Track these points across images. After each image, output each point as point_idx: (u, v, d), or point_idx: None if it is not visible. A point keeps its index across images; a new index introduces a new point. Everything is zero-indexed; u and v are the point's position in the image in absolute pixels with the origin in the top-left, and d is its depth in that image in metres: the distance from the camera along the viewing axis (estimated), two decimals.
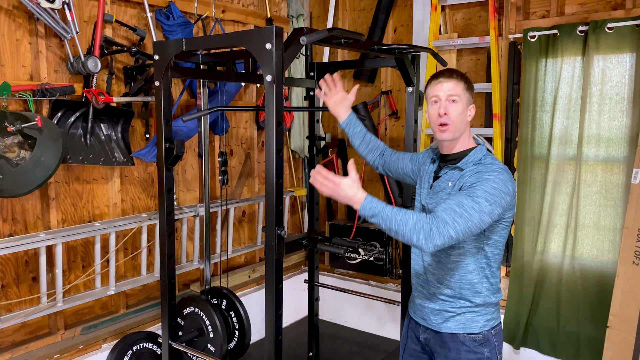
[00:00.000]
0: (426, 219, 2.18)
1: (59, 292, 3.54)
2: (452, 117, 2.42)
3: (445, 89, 2.44)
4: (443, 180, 2.51)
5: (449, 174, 2.49)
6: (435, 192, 2.53)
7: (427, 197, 2.58)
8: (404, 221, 2.18)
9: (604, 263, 4.09)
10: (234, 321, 4.06)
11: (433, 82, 2.50)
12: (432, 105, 2.49)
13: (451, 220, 2.18)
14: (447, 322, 2.53)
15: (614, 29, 3.89)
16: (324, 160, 5.81)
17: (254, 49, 2.48)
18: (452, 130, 2.44)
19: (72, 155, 3.56)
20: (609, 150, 4.02)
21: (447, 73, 2.47)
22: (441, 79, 2.46)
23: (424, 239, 2.16)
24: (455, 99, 2.43)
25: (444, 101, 2.44)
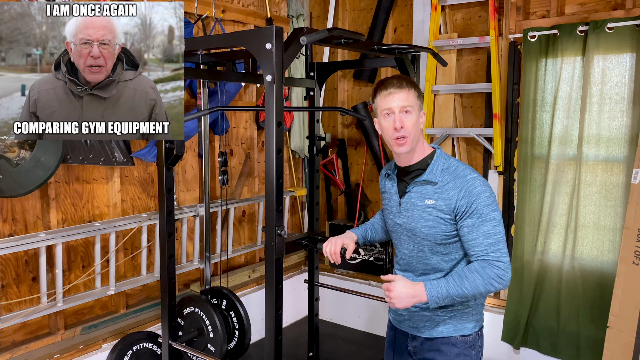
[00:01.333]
0: (485, 269, 2.25)
1: (59, 292, 3.54)
2: (409, 129, 2.37)
3: (397, 100, 2.36)
4: (414, 196, 2.44)
5: (419, 189, 2.43)
6: (408, 209, 2.47)
7: (400, 216, 2.50)
8: (473, 286, 2.25)
9: (604, 263, 4.09)
10: (234, 321, 4.06)
11: (383, 92, 2.40)
12: (384, 117, 2.41)
13: (498, 252, 2.28)
14: (439, 327, 2.48)
15: (614, 29, 3.88)
16: (324, 161, 5.81)
17: (254, 49, 2.47)
18: (409, 143, 2.38)
19: (72, 155, 3.55)
20: (609, 150, 4.01)
21: (397, 83, 2.39)
22: (392, 90, 2.38)
23: (498, 285, 2.26)
24: (409, 110, 2.37)
25: (398, 114, 2.36)
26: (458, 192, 2.33)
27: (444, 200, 2.35)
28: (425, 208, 2.40)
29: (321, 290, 4.78)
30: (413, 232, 2.45)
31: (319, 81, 4.04)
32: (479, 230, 2.30)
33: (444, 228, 2.37)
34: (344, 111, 3.99)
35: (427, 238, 2.40)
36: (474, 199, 2.30)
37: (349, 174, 5.82)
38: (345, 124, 5.85)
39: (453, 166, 2.42)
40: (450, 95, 4.81)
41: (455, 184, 2.36)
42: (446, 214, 2.35)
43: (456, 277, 2.26)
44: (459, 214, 2.33)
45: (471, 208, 2.30)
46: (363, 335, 5.38)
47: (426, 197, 2.40)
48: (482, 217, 2.30)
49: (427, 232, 2.40)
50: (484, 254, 2.28)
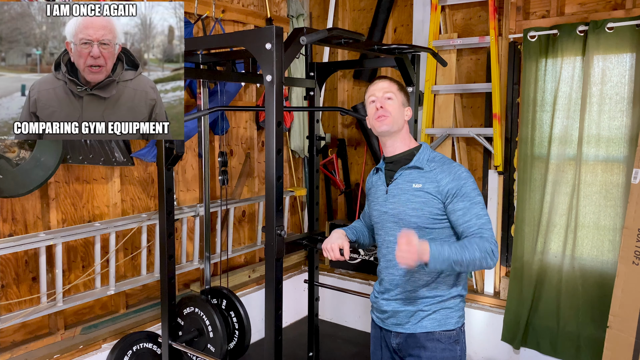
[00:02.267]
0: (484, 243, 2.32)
1: (59, 292, 3.54)
2: (389, 110, 2.52)
3: (380, 87, 2.57)
4: (401, 182, 2.54)
5: (406, 174, 2.54)
6: (394, 194, 2.55)
7: (386, 204, 2.57)
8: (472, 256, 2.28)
9: (604, 263, 4.09)
10: (234, 321, 4.06)
11: (370, 86, 2.62)
12: (370, 104, 2.60)
13: (490, 231, 2.38)
14: (422, 322, 2.52)
15: (614, 29, 3.88)
16: (323, 161, 5.81)
17: (254, 49, 2.48)
18: (389, 122, 2.51)
19: (72, 155, 3.55)
20: (609, 150, 4.01)
21: (382, 77, 2.63)
22: (376, 81, 2.61)
23: (491, 261, 2.32)
24: (391, 96, 2.54)
25: (380, 97, 2.54)
26: (446, 176, 2.45)
27: (432, 183, 2.46)
28: (412, 191, 2.49)
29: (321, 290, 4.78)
30: (400, 217, 2.51)
31: (319, 81, 4.04)
32: (471, 212, 2.40)
33: (431, 210, 2.44)
34: (343, 111, 3.99)
35: (414, 221, 2.46)
36: (462, 182, 2.43)
37: (349, 174, 5.82)
38: (345, 124, 5.85)
39: (438, 157, 2.56)
40: (450, 95, 4.81)
41: (442, 169, 2.48)
42: (433, 196, 2.44)
43: (457, 245, 2.30)
44: (450, 196, 2.43)
45: (461, 191, 2.42)
46: (363, 335, 5.38)
47: (414, 181, 2.50)
48: (472, 200, 2.41)
49: (414, 214, 2.46)
50: (479, 231, 2.36)
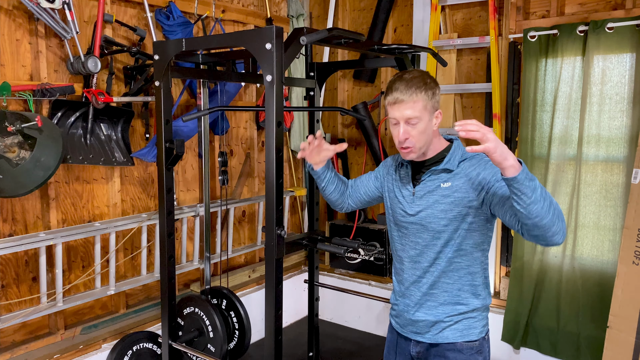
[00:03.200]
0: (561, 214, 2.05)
1: (59, 292, 3.54)
2: (414, 140, 2.30)
3: (402, 110, 2.27)
4: (429, 183, 2.39)
5: (436, 177, 2.38)
6: (421, 196, 2.40)
7: (414, 205, 2.42)
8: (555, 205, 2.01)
9: (604, 263, 4.09)
10: (234, 321, 4.06)
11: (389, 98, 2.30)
12: (392, 124, 2.34)
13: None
14: (444, 332, 2.43)
15: (614, 29, 3.89)
16: None
17: (254, 49, 2.48)
18: (415, 151, 2.33)
19: (72, 155, 3.56)
20: (609, 150, 4.02)
21: (404, 89, 2.26)
22: (398, 96, 2.26)
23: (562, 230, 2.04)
24: (415, 122, 2.27)
25: (403, 124, 2.28)
26: (477, 167, 2.30)
27: (461, 178, 2.31)
28: (441, 191, 2.35)
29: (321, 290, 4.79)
30: (428, 220, 2.37)
31: (319, 81, 4.04)
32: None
33: (461, 211, 2.31)
34: (343, 111, 3.99)
35: (444, 223, 2.34)
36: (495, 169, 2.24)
37: (349, 174, 5.83)
38: (345, 124, 5.85)
39: (470, 155, 2.37)
40: (450, 95, 4.81)
41: (471, 163, 2.33)
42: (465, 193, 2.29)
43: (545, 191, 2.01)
44: (487, 184, 2.25)
45: (497, 175, 2.23)
46: (363, 335, 5.38)
47: (442, 180, 2.35)
48: None
49: (443, 216, 2.34)
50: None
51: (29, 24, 3.46)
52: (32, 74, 3.49)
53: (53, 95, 3.42)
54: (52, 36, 3.56)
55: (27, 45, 3.47)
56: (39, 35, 3.48)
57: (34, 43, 3.48)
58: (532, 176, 1.97)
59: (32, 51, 3.49)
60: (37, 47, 3.48)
